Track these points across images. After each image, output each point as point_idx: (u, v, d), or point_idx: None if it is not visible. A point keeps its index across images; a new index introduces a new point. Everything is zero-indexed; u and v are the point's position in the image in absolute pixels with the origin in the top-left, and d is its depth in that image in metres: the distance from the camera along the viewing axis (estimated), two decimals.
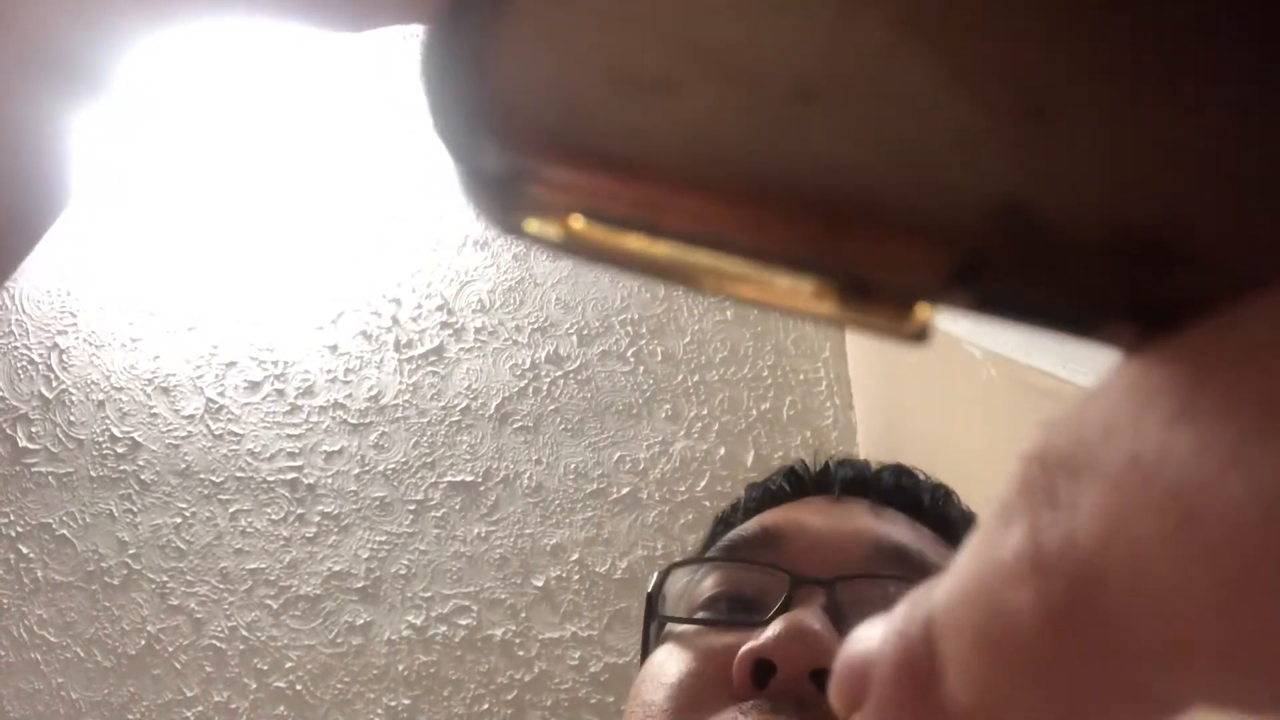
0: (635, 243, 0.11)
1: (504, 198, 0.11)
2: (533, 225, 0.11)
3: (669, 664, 0.42)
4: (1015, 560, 0.09)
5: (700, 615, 0.45)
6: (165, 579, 1.22)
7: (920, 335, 0.11)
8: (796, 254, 0.11)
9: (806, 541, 0.45)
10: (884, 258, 0.10)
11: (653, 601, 0.47)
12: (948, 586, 0.10)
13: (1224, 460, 0.08)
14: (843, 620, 0.40)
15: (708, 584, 0.46)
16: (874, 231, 0.10)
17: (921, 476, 0.53)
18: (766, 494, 0.53)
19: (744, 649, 0.39)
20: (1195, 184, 0.09)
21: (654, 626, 0.47)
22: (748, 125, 0.10)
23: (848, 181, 0.10)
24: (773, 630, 0.39)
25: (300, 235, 1.36)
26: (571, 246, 0.11)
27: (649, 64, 0.10)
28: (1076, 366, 0.70)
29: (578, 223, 0.11)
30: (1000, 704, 0.09)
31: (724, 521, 0.54)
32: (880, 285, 0.11)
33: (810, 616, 0.39)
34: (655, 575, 0.48)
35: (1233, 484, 0.08)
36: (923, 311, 0.11)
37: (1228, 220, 0.09)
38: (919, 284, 0.11)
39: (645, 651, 0.46)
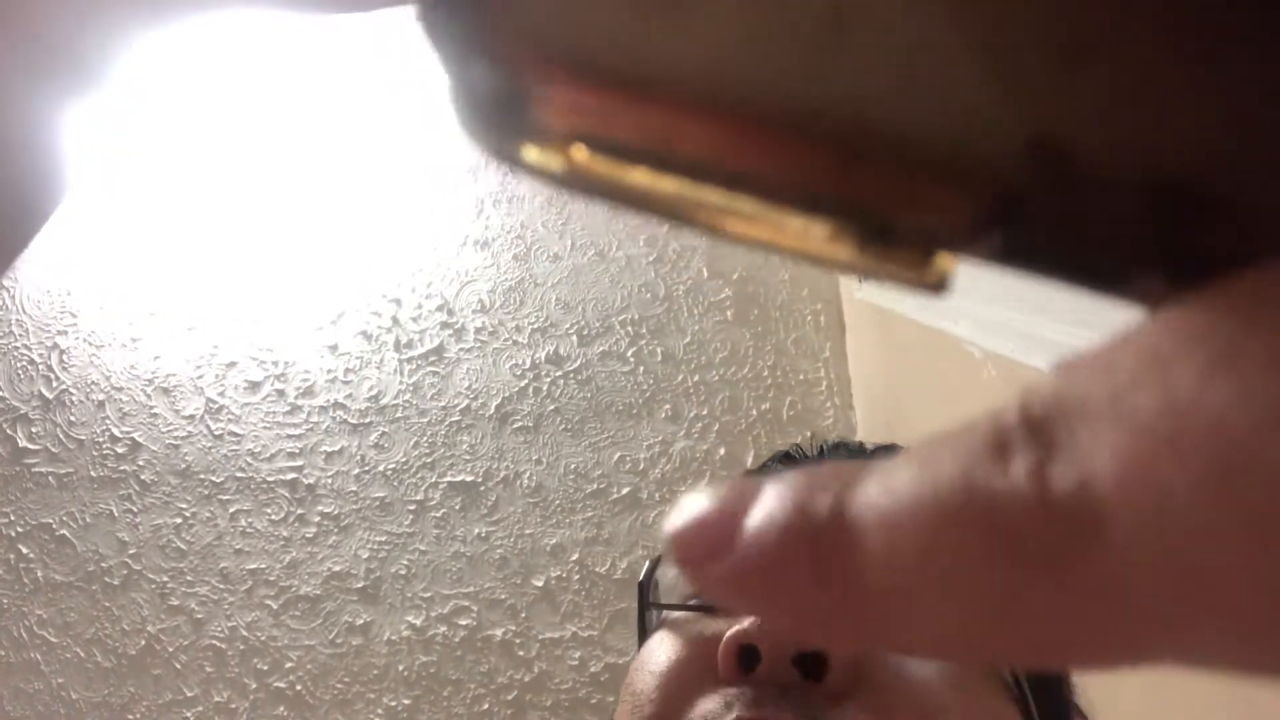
0: (641, 177, 0.10)
1: (503, 121, 0.10)
2: (532, 153, 0.11)
3: (658, 651, 0.42)
4: (1011, 492, 0.09)
5: (691, 602, 0.44)
6: (165, 579, 1.22)
7: (940, 285, 0.10)
8: (813, 191, 0.10)
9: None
10: (909, 197, 0.10)
11: (644, 590, 0.47)
12: (889, 486, 0.10)
13: (1268, 412, 0.08)
14: None
15: None
16: (900, 169, 0.10)
17: None
18: None
19: (728, 635, 0.38)
20: (1235, 133, 0.09)
21: (650, 615, 0.47)
22: (773, 50, 0.09)
23: (875, 114, 0.10)
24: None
25: (300, 235, 1.36)
26: (573, 180, 0.11)
27: None
28: None
29: (580, 153, 0.10)
30: (947, 615, 0.09)
31: None
32: (902, 229, 0.10)
33: None
34: (646, 563, 0.48)
35: (1276, 439, 0.07)
36: (944, 261, 0.10)
37: (1266, 170, 0.09)
38: (944, 227, 0.10)
39: (641, 640, 0.46)
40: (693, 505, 0.11)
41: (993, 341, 0.87)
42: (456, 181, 1.39)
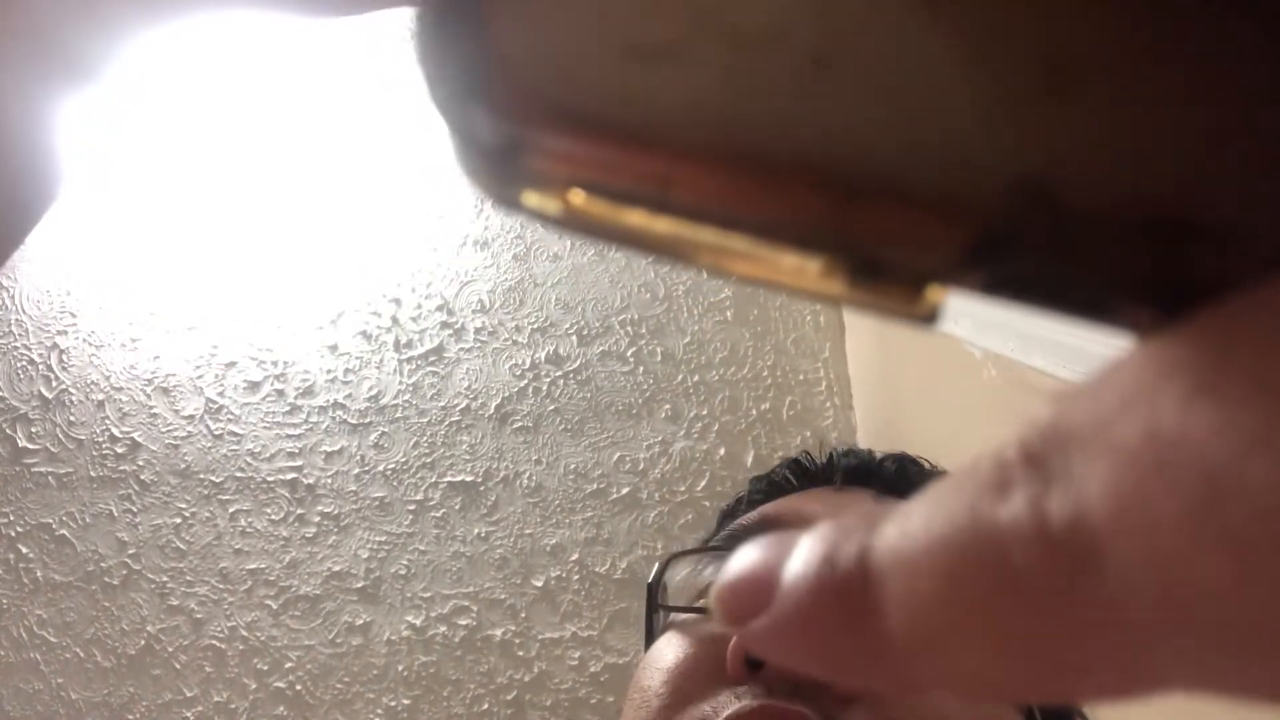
0: (636, 218, 0.11)
1: (502, 170, 0.11)
2: (531, 199, 0.11)
3: (667, 651, 0.42)
4: (1014, 526, 0.09)
5: (699, 603, 0.45)
6: (165, 579, 1.21)
7: (931, 317, 0.11)
8: (805, 230, 0.10)
9: (804, 529, 0.45)
10: (898, 234, 0.10)
11: (653, 592, 0.48)
12: (906, 530, 0.10)
13: (1248, 439, 0.08)
14: None
15: (708, 573, 0.46)
16: (888, 207, 0.10)
17: (926, 465, 0.53)
18: (771, 486, 0.53)
19: (736, 637, 0.39)
20: (1220, 161, 0.09)
21: (657, 617, 0.47)
22: (759, 94, 0.10)
23: (862, 154, 0.10)
24: None
25: (300, 235, 1.36)
26: (570, 222, 0.11)
27: (656, 29, 0.10)
28: (1076, 366, 0.70)
29: (577, 197, 0.11)
30: (967, 655, 0.09)
31: (729, 514, 0.54)
32: (892, 264, 0.10)
33: None
34: (656, 565, 0.48)
35: (1257, 464, 0.08)
36: (934, 293, 0.10)
37: (1252, 199, 0.09)
38: (933, 263, 0.10)
39: (649, 643, 0.46)
40: (738, 561, 0.11)
41: (993, 341, 0.87)
42: (456, 181, 1.39)
